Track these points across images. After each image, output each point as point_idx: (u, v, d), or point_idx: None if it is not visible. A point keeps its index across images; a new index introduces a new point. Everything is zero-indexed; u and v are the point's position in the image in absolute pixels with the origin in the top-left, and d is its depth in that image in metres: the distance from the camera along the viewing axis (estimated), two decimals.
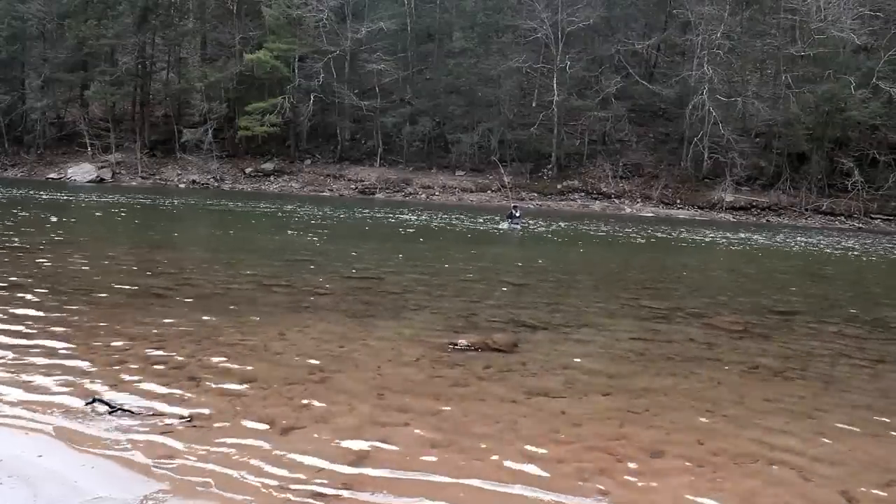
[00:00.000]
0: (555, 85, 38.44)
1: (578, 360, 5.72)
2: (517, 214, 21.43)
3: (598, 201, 37.65)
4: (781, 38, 37.43)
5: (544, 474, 3.48)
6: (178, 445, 3.57)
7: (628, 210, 36.32)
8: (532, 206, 35.18)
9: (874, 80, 33.56)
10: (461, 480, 3.36)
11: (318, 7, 40.18)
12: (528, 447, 3.80)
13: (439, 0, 44.14)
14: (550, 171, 39.72)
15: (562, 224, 24.45)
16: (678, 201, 37.17)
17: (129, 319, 6.20)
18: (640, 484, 3.44)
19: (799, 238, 24.37)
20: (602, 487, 3.37)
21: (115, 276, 8.66)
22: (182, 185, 39.40)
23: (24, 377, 4.49)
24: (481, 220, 23.25)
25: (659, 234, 22.11)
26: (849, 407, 4.86)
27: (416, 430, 3.96)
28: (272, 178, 41.07)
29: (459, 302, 8.08)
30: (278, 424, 3.93)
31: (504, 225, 20.94)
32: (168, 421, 3.89)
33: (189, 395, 4.35)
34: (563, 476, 3.47)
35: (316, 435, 3.82)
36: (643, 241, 19.94)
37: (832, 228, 32.30)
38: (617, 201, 37.67)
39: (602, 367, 5.52)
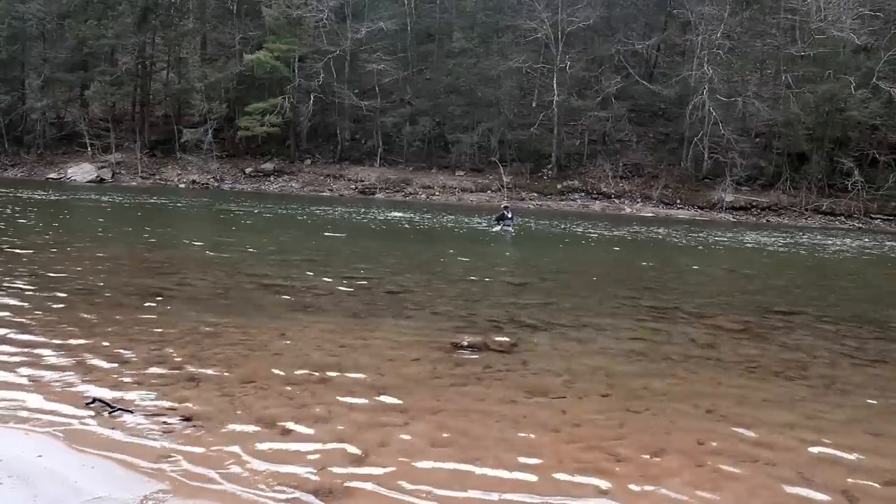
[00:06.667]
0: (555, 85, 38.41)
1: (578, 360, 5.72)
2: (509, 215, 20.15)
3: (598, 201, 37.61)
4: (781, 38, 37.41)
5: (544, 474, 3.48)
6: (178, 445, 3.57)
7: (628, 210, 36.31)
8: (532, 206, 35.18)
9: (874, 80, 33.52)
10: (461, 481, 3.36)
11: (318, 7, 40.14)
12: (529, 447, 3.80)
13: (439, 0, 44.12)
14: (550, 171, 39.69)
15: (560, 224, 24.45)
16: (678, 201, 37.15)
17: (129, 319, 6.20)
18: (640, 484, 3.44)
19: (799, 238, 24.36)
20: (602, 487, 3.37)
21: (115, 276, 8.67)
22: (182, 185, 39.37)
23: (25, 377, 4.49)
24: (479, 221, 23.21)
25: (659, 234, 22.11)
26: (849, 407, 4.86)
27: (416, 430, 3.96)
28: (272, 178, 41.05)
29: (459, 302, 8.08)
30: (278, 424, 3.93)
31: (496, 228, 19.82)
32: (168, 421, 3.89)
33: (189, 395, 4.35)
34: (563, 476, 3.47)
35: (316, 435, 3.82)
36: (643, 240, 19.94)
37: (832, 228, 32.29)
38: (617, 201, 37.65)
39: (602, 367, 5.52)
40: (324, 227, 18.09)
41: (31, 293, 7.11)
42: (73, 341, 5.39)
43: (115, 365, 4.86)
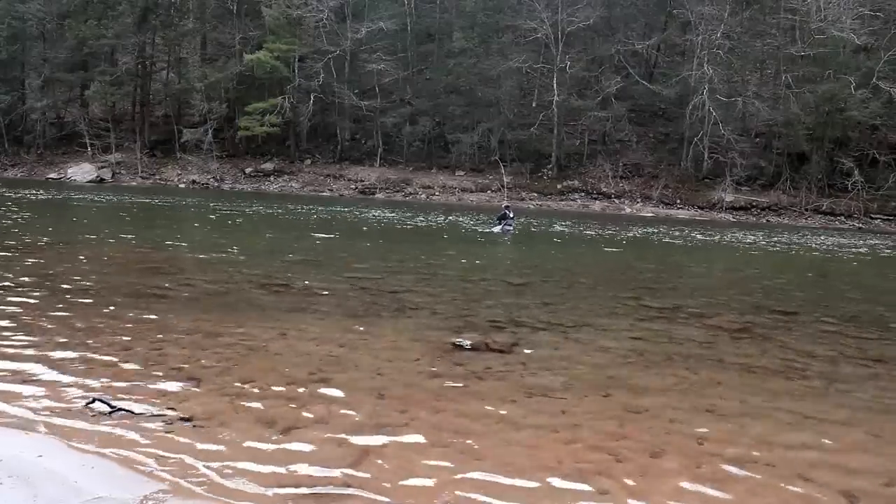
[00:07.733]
0: (555, 85, 38.41)
1: (578, 360, 5.72)
2: (511, 215, 19.78)
3: (598, 201, 37.61)
4: (781, 38, 37.40)
5: (544, 475, 3.47)
6: (178, 445, 3.57)
7: (628, 210, 36.31)
8: (532, 206, 35.18)
9: (874, 80, 33.51)
10: (461, 481, 3.36)
11: (318, 7, 40.15)
12: (528, 448, 3.80)
13: (439, 0, 44.13)
14: (550, 171, 39.69)
15: (561, 224, 24.45)
16: (678, 201, 37.15)
17: (129, 319, 6.20)
18: (640, 484, 3.44)
19: (799, 238, 24.36)
20: (602, 487, 3.37)
21: (115, 276, 8.66)
22: (182, 186, 39.37)
23: (25, 377, 4.49)
24: (479, 221, 23.21)
25: (659, 234, 22.10)
26: (849, 407, 4.86)
27: (416, 430, 3.96)
28: (272, 179, 41.05)
29: (459, 302, 8.08)
30: (278, 424, 3.93)
31: (496, 228, 19.38)
32: (168, 421, 3.89)
33: (189, 394, 4.35)
34: (563, 476, 3.47)
35: (316, 435, 3.82)
36: (643, 240, 19.93)
37: (832, 228, 32.29)
38: (617, 201, 37.65)
39: (602, 367, 5.52)
40: (322, 228, 18.09)
41: (31, 293, 7.11)
42: (73, 341, 5.39)
43: (116, 365, 4.86)
